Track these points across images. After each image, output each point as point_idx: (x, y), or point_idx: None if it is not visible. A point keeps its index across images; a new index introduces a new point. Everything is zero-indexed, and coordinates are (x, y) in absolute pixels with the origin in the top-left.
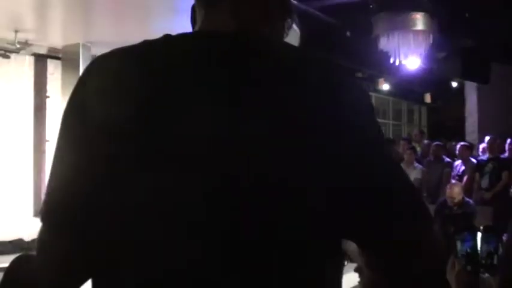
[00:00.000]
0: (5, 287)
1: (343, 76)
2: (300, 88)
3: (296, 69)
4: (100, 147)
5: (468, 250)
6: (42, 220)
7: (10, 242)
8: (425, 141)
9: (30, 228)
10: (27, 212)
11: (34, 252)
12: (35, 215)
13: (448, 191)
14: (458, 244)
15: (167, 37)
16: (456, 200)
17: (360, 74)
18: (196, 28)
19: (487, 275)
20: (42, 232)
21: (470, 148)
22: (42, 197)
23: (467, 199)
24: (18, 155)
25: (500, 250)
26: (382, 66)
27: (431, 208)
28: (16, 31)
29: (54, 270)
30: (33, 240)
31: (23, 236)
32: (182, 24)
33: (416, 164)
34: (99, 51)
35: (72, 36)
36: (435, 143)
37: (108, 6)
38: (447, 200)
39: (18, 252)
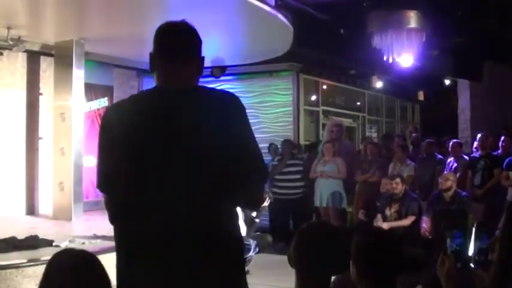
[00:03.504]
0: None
1: (232, 102)
2: (205, 115)
3: (205, 105)
4: (117, 152)
5: (457, 247)
6: (101, 188)
7: (3, 240)
8: (414, 134)
9: (22, 225)
10: (20, 210)
11: (27, 250)
12: (28, 212)
13: (440, 181)
14: (448, 241)
15: (141, 93)
16: (451, 192)
17: (353, 72)
18: (156, 81)
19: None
20: (105, 196)
21: (462, 145)
22: (35, 194)
23: (459, 191)
24: (11, 153)
25: None
26: (375, 63)
27: (424, 205)
28: (8, 28)
29: (114, 210)
30: (26, 238)
31: (16, 233)
32: None
33: (408, 161)
34: (92, 48)
35: (65, 33)
36: (427, 140)
37: (101, 3)
38: (441, 194)
39: (10, 251)
